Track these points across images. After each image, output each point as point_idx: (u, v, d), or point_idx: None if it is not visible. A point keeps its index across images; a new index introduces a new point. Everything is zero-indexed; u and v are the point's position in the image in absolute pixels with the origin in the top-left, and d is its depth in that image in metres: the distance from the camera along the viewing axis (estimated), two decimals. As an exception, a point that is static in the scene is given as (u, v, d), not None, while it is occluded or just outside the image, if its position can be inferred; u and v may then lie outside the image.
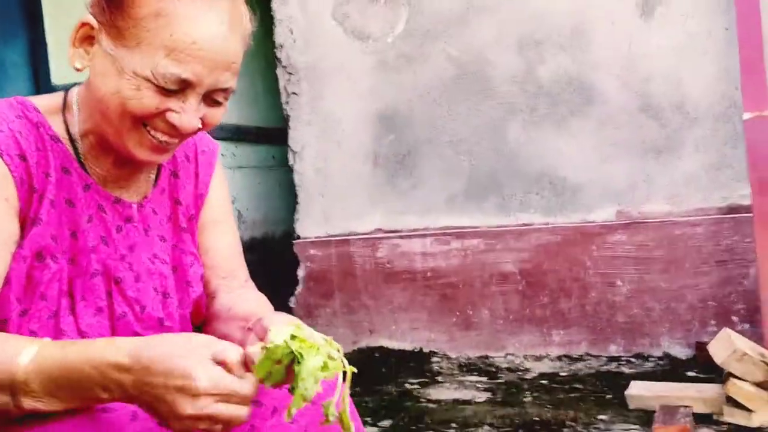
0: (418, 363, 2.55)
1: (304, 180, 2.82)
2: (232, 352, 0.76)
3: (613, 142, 2.43)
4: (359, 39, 2.70)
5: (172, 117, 0.87)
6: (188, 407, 0.72)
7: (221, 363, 0.75)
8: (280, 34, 2.79)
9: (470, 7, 2.55)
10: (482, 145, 2.58)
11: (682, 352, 2.34)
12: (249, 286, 1.10)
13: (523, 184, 2.54)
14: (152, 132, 0.89)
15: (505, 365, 2.47)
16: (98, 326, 0.93)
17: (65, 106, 0.95)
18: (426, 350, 2.64)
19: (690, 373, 2.19)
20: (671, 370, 2.25)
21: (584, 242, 2.45)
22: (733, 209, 2.30)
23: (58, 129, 0.94)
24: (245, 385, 0.75)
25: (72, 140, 0.94)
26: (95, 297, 0.93)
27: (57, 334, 0.89)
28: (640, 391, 1.93)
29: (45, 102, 0.95)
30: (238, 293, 1.05)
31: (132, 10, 0.85)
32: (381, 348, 2.68)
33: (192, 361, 0.74)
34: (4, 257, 0.85)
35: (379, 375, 2.43)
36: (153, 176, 1.04)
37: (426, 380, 2.37)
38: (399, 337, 2.69)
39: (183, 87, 0.86)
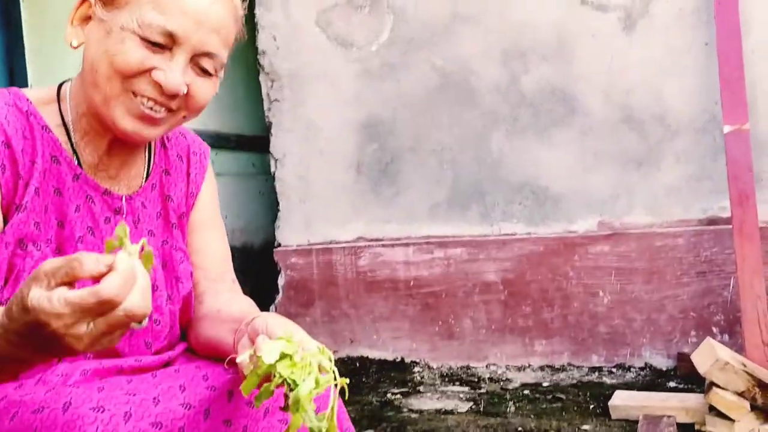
0: (399, 373, 2.53)
1: (286, 187, 2.79)
2: (77, 265, 0.65)
3: (595, 153, 2.45)
4: (343, 46, 2.70)
5: (157, 74, 0.87)
6: (75, 344, 0.65)
7: (73, 281, 0.66)
8: (263, 41, 2.77)
9: (455, 16, 2.55)
10: (465, 155, 2.58)
11: (663, 362, 2.35)
12: (236, 289, 1.09)
13: (506, 193, 2.55)
14: (139, 98, 0.88)
15: (487, 375, 2.46)
16: None
17: (59, 97, 0.95)
18: (407, 360, 2.62)
19: (671, 384, 2.21)
20: (652, 380, 2.26)
21: (566, 252, 2.45)
22: (712, 221, 2.32)
23: (51, 119, 0.93)
24: (103, 287, 0.64)
25: (66, 129, 0.94)
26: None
27: None
28: (623, 401, 1.94)
29: (37, 93, 0.95)
30: (227, 296, 1.04)
31: None
32: (362, 358, 2.66)
33: (40, 311, 0.64)
34: None
35: (360, 385, 2.40)
36: (144, 172, 1.03)
37: (408, 390, 2.35)
38: (380, 346, 2.67)
39: (169, 44, 0.87)
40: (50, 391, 0.81)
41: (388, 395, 2.30)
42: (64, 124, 0.94)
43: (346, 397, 0.81)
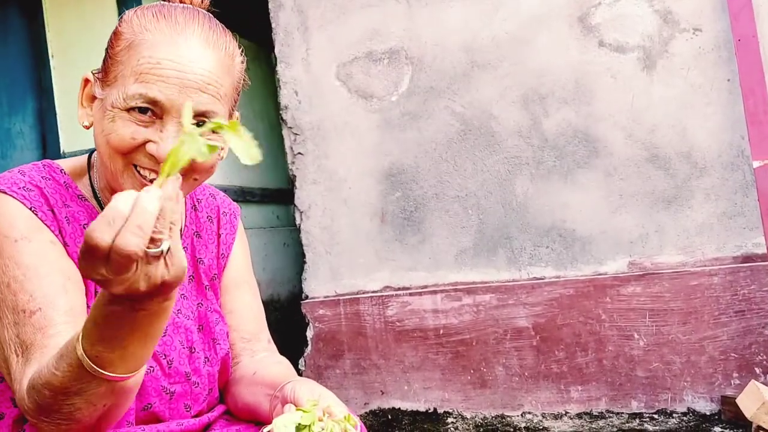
0: (432, 424, 2.47)
1: (312, 239, 2.80)
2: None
3: (621, 193, 2.42)
4: (363, 98, 2.73)
5: (149, 147, 0.87)
6: (135, 288, 0.65)
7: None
8: (285, 96, 2.83)
9: (473, 64, 2.58)
10: (490, 200, 2.57)
11: (706, 406, 2.27)
12: (271, 349, 1.08)
13: (533, 237, 2.52)
14: (141, 171, 0.88)
15: (523, 424, 2.39)
16: None
17: (90, 167, 0.98)
18: (440, 410, 2.56)
19: (716, 429, 2.12)
20: (696, 425, 2.17)
21: (598, 295, 2.41)
22: (747, 258, 2.27)
23: (84, 189, 0.96)
24: (86, 237, 0.62)
25: (97, 199, 0.96)
26: None
27: None
28: (668, 450, 1.86)
29: (70, 164, 0.97)
30: (261, 357, 1.04)
31: (112, 49, 0.88)
32: (393, 409, 2.61)
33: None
34: (81, 298, 0.85)
35: (393, 439, 2.35)
36: None
37: (442, 443, 2.29)
38: (412, 397, 2.62)
39: (158, 113, 0.86)
40: None
41: (423, 449, 2.24)
42: (95, 195, 0.96)
43: None
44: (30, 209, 0.87)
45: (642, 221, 2.40)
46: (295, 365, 2.75)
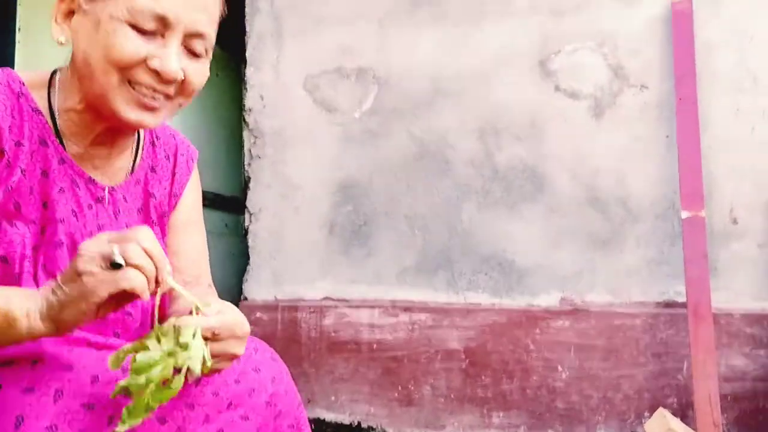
0: (354, 436, 2.49)
1: (258, 242, 2.82)
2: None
3: (561, 231, 2.54)
4: (327, 110, 2.81)
5: (153, 62, 0.87)
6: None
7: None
8: (250, 98, 2.88)
9: (437, 91, 2.69)
10: (437, 222, 2.66)
11: (617, 440, 2.36)
12: (211, 292, 1.10)
13: (473, 263, 2.61)
14: (137, 87, 0.89)
15: (442, 444, 2.43)
16: None
17: (50, 83, 0.97)
18: (364, 425, 2.58)
19: (624, 463, 2.21)
20: (606, 458, 2.26)
21: (528, 325, 2.50)
22: (669, 304, 2.40)
23: (41, 102, 0.94)
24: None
25: (53, 115, 0.95)
26: (56, 267, 0.92)
27: None
28: (576, 472, 1.93)
29: (31, 76, 0.96)
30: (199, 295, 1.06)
31: None
32: (317, 420, 2.61)
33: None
34: None
35: (313, 444, 2.35)
36: (130, 166, 1.05)
37: (362, 453, 2.31)
38: (338, 408, 2.63)
39: (161, 29, 0.87)
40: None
41: (342, 456, 2.25)
42: (51, 112, 0.95)
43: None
44: None
45: (577, 259, 2.51)
46: (225, 365, 2.73)
